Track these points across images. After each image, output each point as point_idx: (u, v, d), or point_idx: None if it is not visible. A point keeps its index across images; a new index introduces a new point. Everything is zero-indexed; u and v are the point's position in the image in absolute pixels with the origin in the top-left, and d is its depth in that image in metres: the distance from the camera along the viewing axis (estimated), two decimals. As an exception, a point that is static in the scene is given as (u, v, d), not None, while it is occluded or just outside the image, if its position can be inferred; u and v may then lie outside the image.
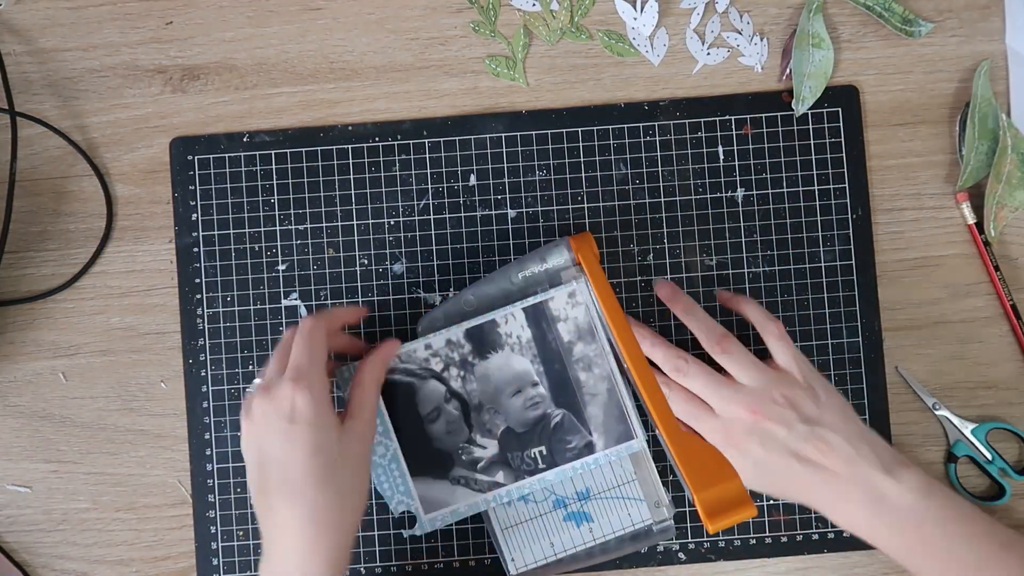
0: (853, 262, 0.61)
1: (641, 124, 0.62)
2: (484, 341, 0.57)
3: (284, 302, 0.62)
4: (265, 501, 0.49)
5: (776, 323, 0.56)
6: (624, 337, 0.56)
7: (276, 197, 0.62)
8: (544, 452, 0.57)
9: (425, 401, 0.57)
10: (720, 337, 0.55)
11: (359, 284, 0.62)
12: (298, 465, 0.48)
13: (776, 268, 0.61)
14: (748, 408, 0.53)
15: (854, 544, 0.60)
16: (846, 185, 0.62)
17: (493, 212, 0.62)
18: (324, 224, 0.62)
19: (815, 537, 0.60)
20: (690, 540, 0.60)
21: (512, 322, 0.57)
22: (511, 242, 0.62)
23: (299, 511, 0.48)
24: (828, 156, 0.62)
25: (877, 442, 0.53)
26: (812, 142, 0.62)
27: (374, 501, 0.61)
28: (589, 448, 0.57)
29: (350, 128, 0.63)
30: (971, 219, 0.61)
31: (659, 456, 0.58)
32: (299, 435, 0.48)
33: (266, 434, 0.49)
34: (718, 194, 0.62)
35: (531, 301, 0.57)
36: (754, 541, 0.60)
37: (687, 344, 0.60)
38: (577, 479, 0.58)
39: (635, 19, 0.62)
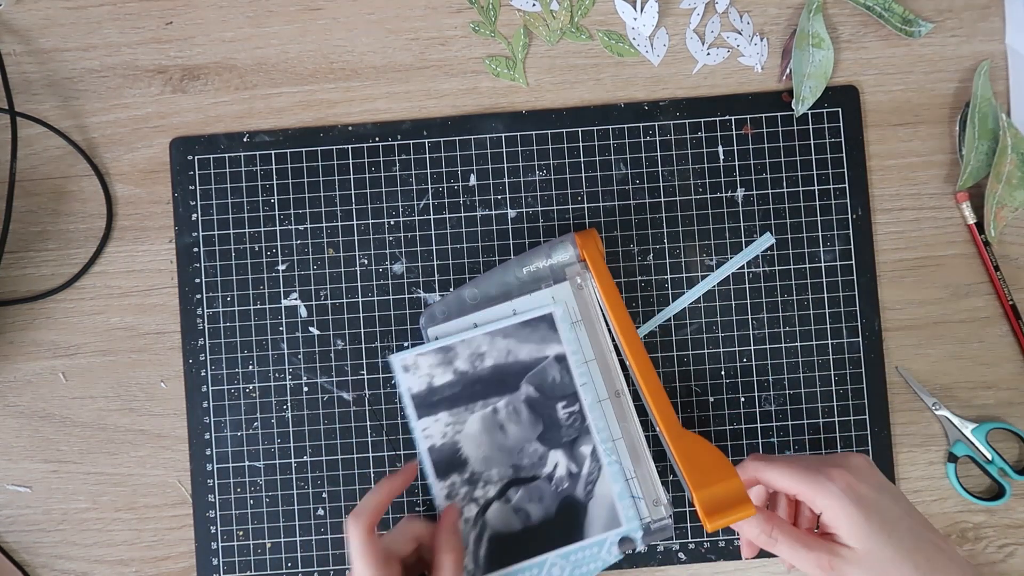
0: (853, 262, 0.61)
1: (641, 124, 0.62)
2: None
3: (284, 302, 0.62)
4: None
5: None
6: (626, 333, 0.56)
7: (276, 197, 0.62)
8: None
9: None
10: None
11: (359, 284, 0.62)
12: None
13: (776, 268, 0.61)
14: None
15: (854, 544, 0.60)
16: (846, 185, 0.62)
17: (493, 212, 0.62)
18: (324, 224, 0.62)
19: (815, 537, 0.60)
20: (690, 540, 0.60)
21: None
22: (511, 242, 0.62)
23: None
24: (828, 156, 0.62)
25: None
26: (812, 142, 0.62)
27: (374, 501, 0.61)
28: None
29: (350, 128, 0.63)
30: (971, 219, 0.61)
31: (659, 456, 0.58)
32: None
33: None
34: (718, 194, 0.62)
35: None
36: (754, 541, 0.60)
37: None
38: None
39: (635, 19, 0.62)
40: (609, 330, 0.57)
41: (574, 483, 0.57)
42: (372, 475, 0.61)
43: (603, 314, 0.58)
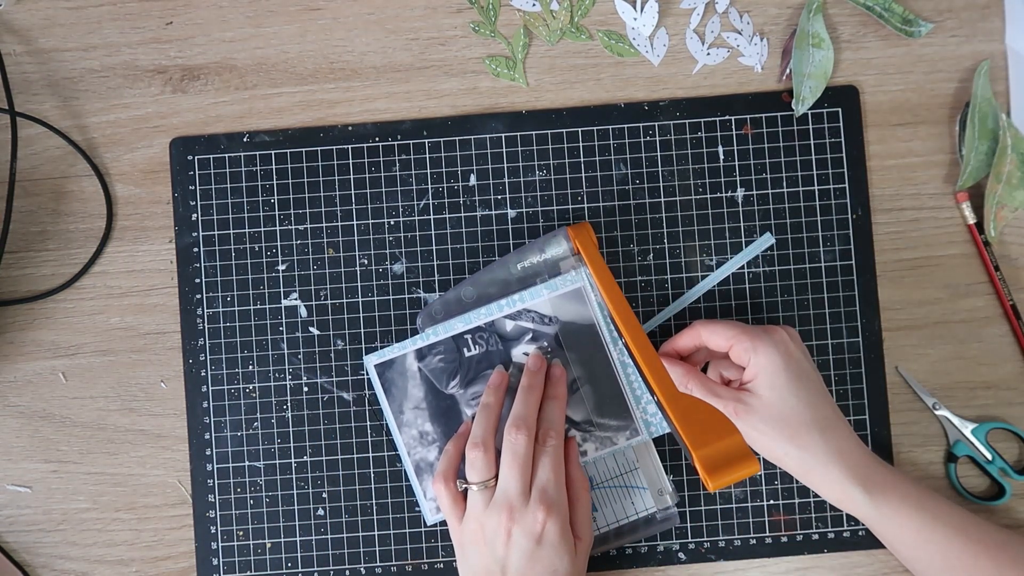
0: (853, 262, 0.61)
1: (641, 124, 0.62)
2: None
3: (284, 302, 0.62)
4: None
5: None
6: (626, 320, 0.56)
7: (276, 197, 0.62)
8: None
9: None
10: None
11: (359, 284, 0.62)
12: None
13: (776, 268, 0.61)
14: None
15: (854, 544, 0.60)
16: (846, 185, 0.62)
17: (493, 212, 0.62)
18: (324, 224, 0.62)
19: (815, 537, 0.60)
20: (690, 540, 0.60)
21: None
22: (511, 242, 0.62)
23: None
24: (828, 156, 0.62)
25: None
26: (812, 142, 0.62)
27: (374, 501, 0.61)
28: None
29: (350, 128, 0.63)
30: (971, 219, 0.61)
31: (660, 441, 0.59)
32: (544, 557, 0.51)
33: (508, 548, 0.51)
34: (718, 194, 0.62)
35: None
36: (754, 541, 0.60)
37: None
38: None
39: (635, 19, 0.62)
40: (608, 325, 0.57)
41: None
42: (372, 475, 0.61)
43: (602, 305, 0.58)
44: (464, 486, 0.54)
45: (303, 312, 0.62)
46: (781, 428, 0.52)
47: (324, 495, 0.61)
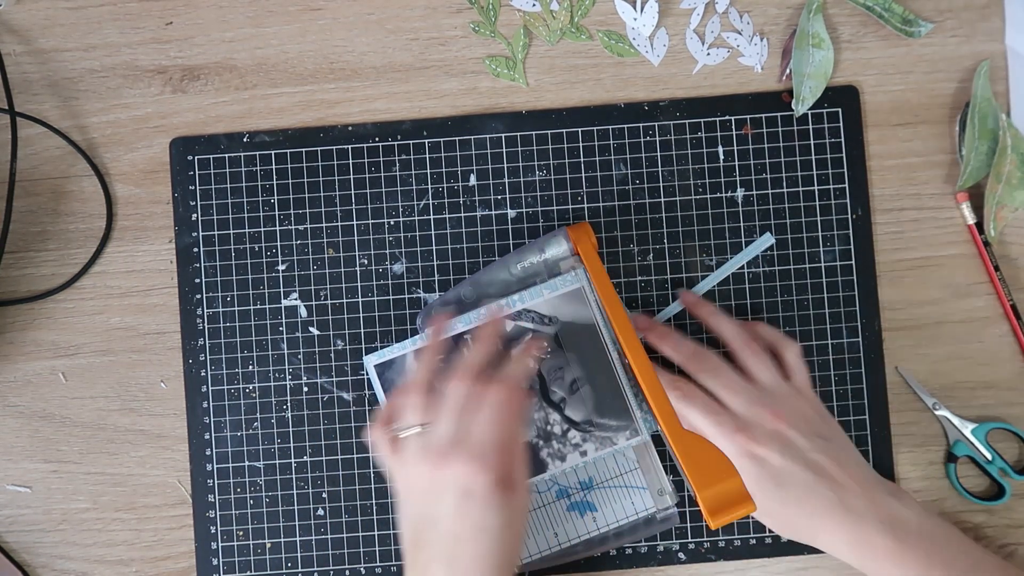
0: (853, 262, 0.61)
1: (641, 124, 0.62)
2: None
3: (284, 302, 0.62)
4: (420, 558, 0.49)
5: (797, 344, 0.58)
6: (622, 326, 0.56)
7: (276, 197, 0.62)
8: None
9: None
10: (748, 339, 0.57)
11: (359, 284, 0.62)
12: (465, 539, 0.48)
13: (776, 268, 0.61)
14: (771, 411, 0.54)
15: (854, 544, 0.60)
16: (846, 185, 0.62)
17: (493, 212, 0.62)
18: (324, 224, 0.62)
19: (815, 537, 0.60)
20: (690, 540, 0.60)
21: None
22: (511, 242, 0.62)
23: None
24: (828, 156, 0.62)
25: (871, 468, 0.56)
26: (812, 142, 0.62)
27: (374, 501, 0.61)
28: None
29: (350, 128, 0.63)
30: (971, 219, 0.61)
31: (660, 441, 0.59)
32: (472, 511, 0.48)
33: (435, 500, 0.49)
34: (718, 194, 0.62)
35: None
36: (754, 541, 0.60)
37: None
38: (580, 470, 0.58)
39: (635, 19, 0.62)
40: (608, 322, 0.57)
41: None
42: (372, 475, 0.61)
43: (599, 306, 0.58)
44: (396, 431, 0.51)
45: (303, 312, 0.62)
46: (779, 527, 0.55)
47: (324, 495, 0.61)
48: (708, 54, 0.63)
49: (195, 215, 0.62)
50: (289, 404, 0.61)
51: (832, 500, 0.53)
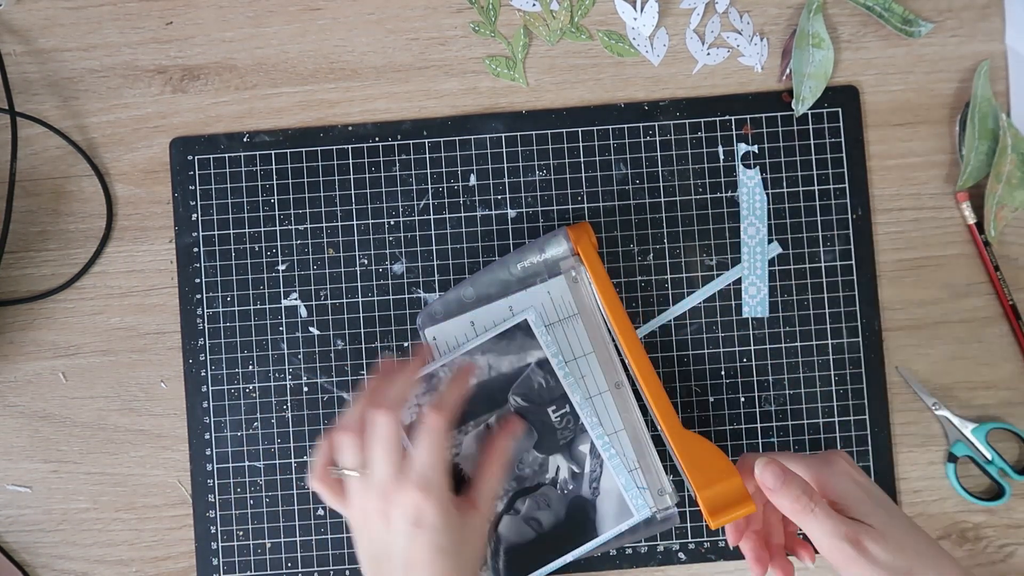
0: (853, 262, 0.61)
1: (641, 124, 0.62)
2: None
3: (284, 302, 0.62)
4: None
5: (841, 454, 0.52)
6: (622, 326, 0.56)
7: (276, 197, 0.62)
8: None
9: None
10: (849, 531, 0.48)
11: (359, 284, 0.62)
12: (422, 564, 0.49)
13: (776, 268, 0.61)
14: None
15: (854, 544, 0.60)
16: (846, 185, 0.62)
17: (493, 212, 0.62)
18: (324, 224, 0.62)
19: (815, 537, 0.60)
20: (690, 540, 0.60)
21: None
22: (511, 242, 0.62)
23: None
24: (828, 156, 0.62)
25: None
26: (812, 142, 0.62)
27: (374, 501, 0.61)
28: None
29: (350, 128, 0.63)
30: (971, 219, 0.61)
31: (659, 441, 0.59)
32: (425, 539, 0.49)
33: (387, 534, 0.49)
34: (718, 194, 0.62)
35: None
36: (754, 541, 0.60)
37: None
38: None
39: (635, 19, 0.62)
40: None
41: (579, 483, 0.57)
42: (372, 475, 0.61)
43: (600, 306, 0.58)
44: (335, 474, 0.51)
45: (303, 312, 0.62)
46: (899, 563, 0.47)
47: (324, 495, 0.61)
48: (708, 54, 0.63)
49: (195, 215, 0.62)
50: (289, 404, 0.61)
51: None
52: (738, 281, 0.61)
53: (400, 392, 0.52)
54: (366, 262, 0.62)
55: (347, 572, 0.60)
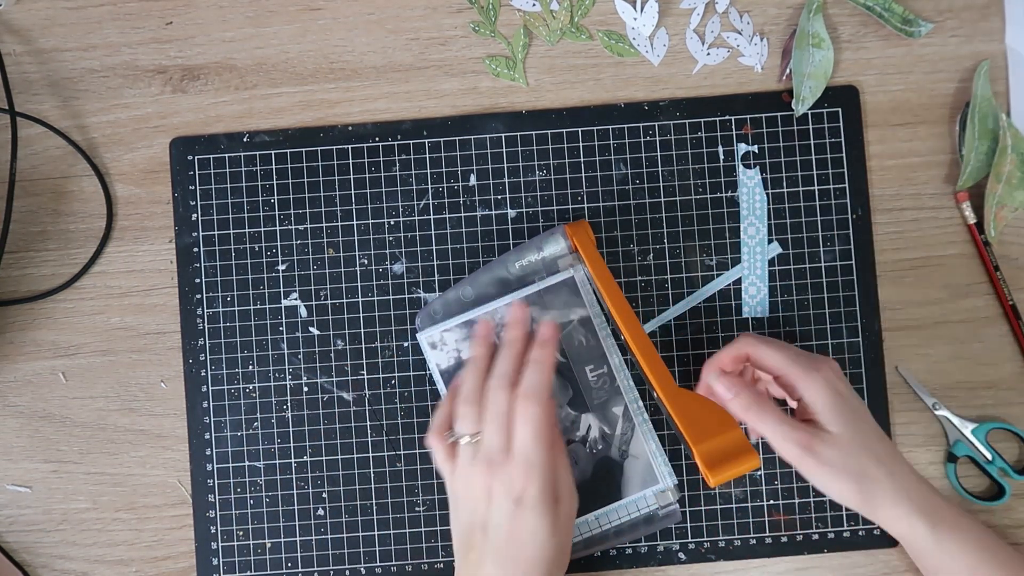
0: (853, 262, 0.61)
1: (641, 124, 0.62)
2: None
3: (284, 302, 0.62)
4: (474, 559, 0.52)
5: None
6: (625, 317, 0.56)
7: (276, 197, 0.62)
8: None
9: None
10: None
11: (359, 284, 0.62)
12: (517, 542, 0.51)
13: (776, 268, 0.61)
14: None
15: (854, 544, 0.60)
16: (846, 185, 0.62)
17: (493, 212, 0.62)
18: (324, 224, 0.62)
19: (815, 537, 0.60)
20: (690, 540, 0.60)
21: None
22: (511, 242, 0.62)
23: None
24: (828, 156, 0.62)
25: None
26: (812, 142, 0.62)
27: (374, 501, 0.61)
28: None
29: (350, 128, 0.63)
30: (971, 219, 0.61)
31: (662, 439, 0.59)
32: (523, 517, 0.51)
33: (489, 506, 0.51)
34: (718, 194, 0.62)
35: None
36: (754, 541, 0.60)
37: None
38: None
39: (635, 19, 0.62)
40: (607, 322, 0.57)
41: (608, 444, 0.57)
42: (372, 475, 0.61)
43: (600, 306, 0.58)
44: (452, 438, 0.54)
45: (303, 312, 0.62)
46: (850, 465, 0.51)
47: (324, 495, 0.61)
48: (708, 54, 0.63)
49: (195, 215, 0.62)
50: (289, 404, 0.61)
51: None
52: (738, 281, 0.61)
53: (514, 369, 0.53)
54: (366, 262, 0.62)
55: (347, 572, 0.60)
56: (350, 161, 0.62)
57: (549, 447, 0.51)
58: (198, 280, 0.62)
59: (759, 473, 0.60)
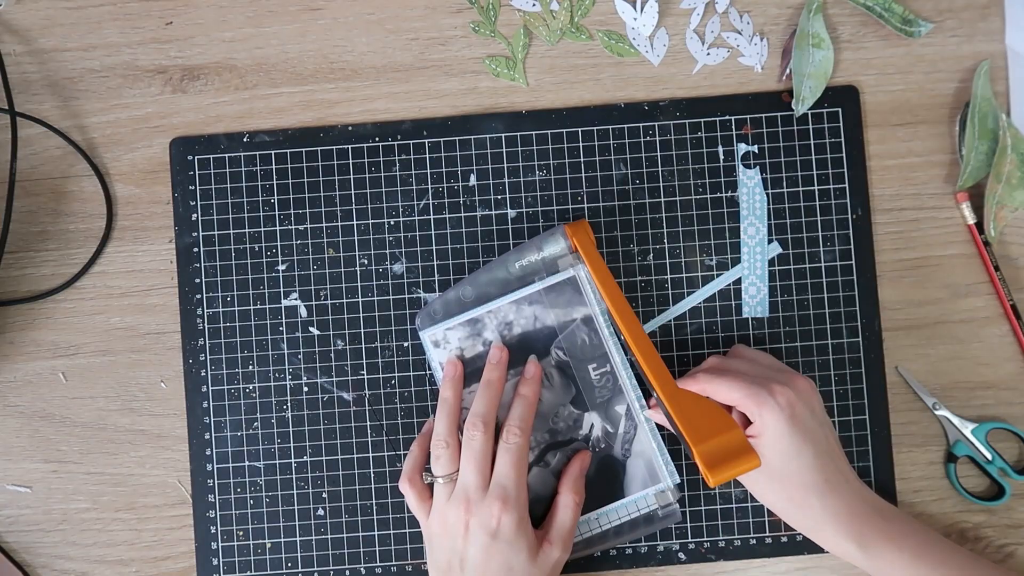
0: (853, 262, 0.61)
1: (641, 124, 0.62)
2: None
3: (284, 302, 0.62)
4: None
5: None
6: (625, 317, 0.56)
7: (276, 197, 0.62)
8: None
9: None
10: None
11: (359, 284, 0.62)
12: (492, 575, 0.52)
13: (776, 268, 0.61)
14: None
15: (854, 544, 0.60)
16: (846, 185, 0.62)
17: (493, 212, 0.62)
18: (324, 224, 0.62)
19: (815, 537, 0.60)
20: (690, 540, 0.60)
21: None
22: (511, 242, 0.62)
23: None
24: (828, 156, 0.62)
25: None
26: (812, 142, 0.62)
27: (374, 501, 0.61)
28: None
29: (350, 128, 0.63)
30: (971, 219, 0.61)
31: (662, 438, 0.59)
32: (500, 550, 0.52)
33: (466, 542, 0.53)
34: (718, 194, 0.62)
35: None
36: (754, 541, 0.60)
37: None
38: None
39: (635, 19, 0.62)
40: (607, 321, 0.57)
41: (611, 443, 0.57)
42: (372, 475, 0.61)
43: (599, 305, 0.58)
44: (430, 479, 0.55)
45: (303, 312, 0.62)
46: (782, 488, 0.53)
47: (324, 495, 0.61)
48: (708, 54, 0.63)
49: (195, 215, 0.62)
50: (289, 404, 0.61)
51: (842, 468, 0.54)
52: (738, 281, 0.61)
53: (492, 410, 0.55)
54: (366, 262, 0.62)
55: (347, 572, 0.60)
56: (350, 161, 0.62)
57: (524, 479, 0.53)
58: (198, 280, 0.62)
59: (759, 473, 0.60)
